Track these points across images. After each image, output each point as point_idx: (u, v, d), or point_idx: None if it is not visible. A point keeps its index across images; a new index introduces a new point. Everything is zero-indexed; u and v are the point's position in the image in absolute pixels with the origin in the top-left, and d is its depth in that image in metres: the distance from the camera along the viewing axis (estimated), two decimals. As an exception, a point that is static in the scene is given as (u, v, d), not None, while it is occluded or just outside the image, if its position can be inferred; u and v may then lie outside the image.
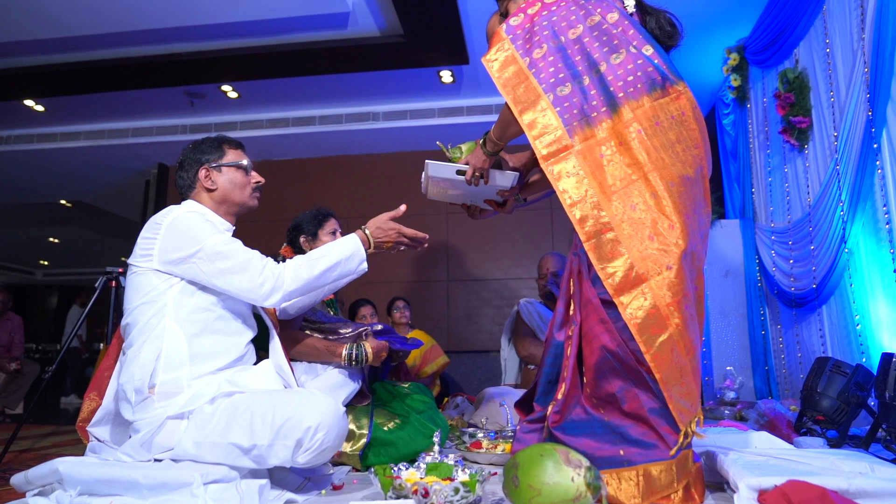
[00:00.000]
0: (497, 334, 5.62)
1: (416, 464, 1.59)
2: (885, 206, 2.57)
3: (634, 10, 1.75)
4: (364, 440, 1.88)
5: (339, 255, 1.76)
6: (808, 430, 2.48)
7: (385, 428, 1.89)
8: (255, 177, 1.89)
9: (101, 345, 8.41)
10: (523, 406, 1.81)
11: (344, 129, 5.53)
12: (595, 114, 1.56)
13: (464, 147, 1.98)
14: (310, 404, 1.47)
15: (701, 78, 4.53)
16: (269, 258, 1.73)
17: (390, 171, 5.92)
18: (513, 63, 1.66)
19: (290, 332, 2.12)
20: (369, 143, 5.81)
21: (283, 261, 1.74)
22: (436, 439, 1.82)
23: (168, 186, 6.27)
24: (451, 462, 1.72)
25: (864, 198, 2.71)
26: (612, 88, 1.57)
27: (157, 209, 6.15)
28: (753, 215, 4.13)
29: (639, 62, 1.58)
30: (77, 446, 2.96)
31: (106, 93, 5.02)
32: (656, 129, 1.54)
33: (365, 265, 1.83)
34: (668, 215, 1.48)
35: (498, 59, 1.68)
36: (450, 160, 1.97)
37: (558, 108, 1.58)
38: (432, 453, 1.79)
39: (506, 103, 1.76)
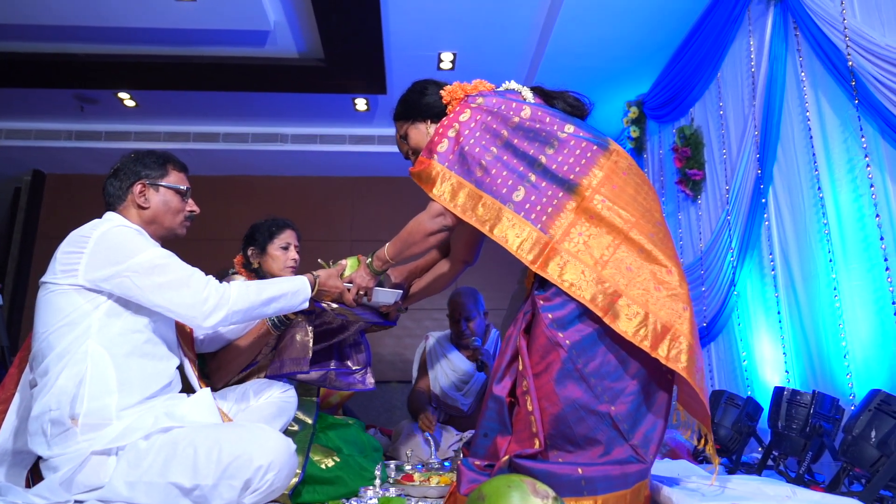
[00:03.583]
0: (399, 365, 5.58)
1: (368, 498, 1.54)
2: (770, 254, 2.89)
3: (535, 97, 1.84)
4: (296, 479, 1.78)
5: (287, 288, 1.73)
6: (704, 458, 2.68)
7: (322, 466, 1.81)
8: (191, 205, 1.81)
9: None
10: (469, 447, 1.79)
11: (249, 148, 5.34)
12: (556, 200, 1.61)
13: (346, 263, 1.95)
14: (260, 441, 1.39)
15: (602, 126, 4.78)
16: (211, 276, 1.64)
17: (296, 195, 5.77)
18: (461, 188, 1.69)
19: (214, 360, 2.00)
20: (276, 165, 5.64)
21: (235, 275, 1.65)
22: (377, 473, 1.78)
23: (43, 195, 5.69)
24: (394, 495, 1.69)
25: (753, 246, 3.03)
26: (560, 175, 1.63)
27: (27, 219, 5.58)
28: (647, 256, 4.44)
29: (571, 143, 1.67)
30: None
31: (-22, 88, 4.52)
32: (616, 192, 1.61)
33: (306, 304, 1.79)
34: (663, 262, 1.55)
35: (446, 190, 1.70)
36: None
37: (522, 213, 1.62)
38: (373, 488, 1.76)
39: (408, 226, 1.78)
